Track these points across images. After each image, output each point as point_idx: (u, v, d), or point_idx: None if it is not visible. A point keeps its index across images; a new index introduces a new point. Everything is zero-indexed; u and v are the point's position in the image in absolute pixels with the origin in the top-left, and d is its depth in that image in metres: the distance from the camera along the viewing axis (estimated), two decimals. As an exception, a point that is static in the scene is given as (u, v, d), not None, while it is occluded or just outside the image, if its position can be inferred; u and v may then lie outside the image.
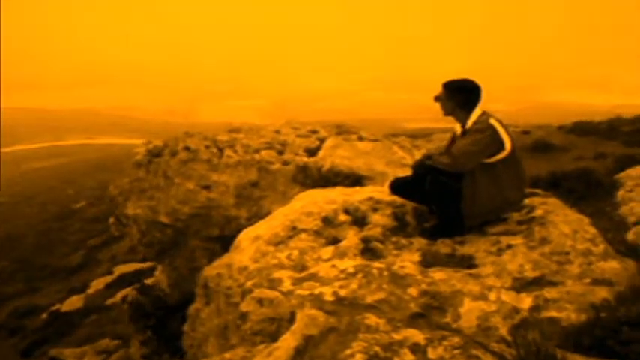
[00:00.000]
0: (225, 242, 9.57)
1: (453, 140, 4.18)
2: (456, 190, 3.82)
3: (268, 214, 7.56)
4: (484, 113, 3.91)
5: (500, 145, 3.75)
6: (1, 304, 19.84)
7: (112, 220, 10.99)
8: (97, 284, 19.24)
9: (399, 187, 4.44)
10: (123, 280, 18.63)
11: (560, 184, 6.79)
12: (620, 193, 7.11)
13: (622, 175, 7.85)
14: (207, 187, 8.23)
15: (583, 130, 17.15)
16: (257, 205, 7.97)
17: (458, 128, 4.12)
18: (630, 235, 4.66)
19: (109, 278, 19.50)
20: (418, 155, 8.89)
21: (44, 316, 17.57)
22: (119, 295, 17.00)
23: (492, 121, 3.78)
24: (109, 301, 17.01)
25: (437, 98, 4.05)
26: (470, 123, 3.90)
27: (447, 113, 4.07)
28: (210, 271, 4.34)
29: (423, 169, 4.01)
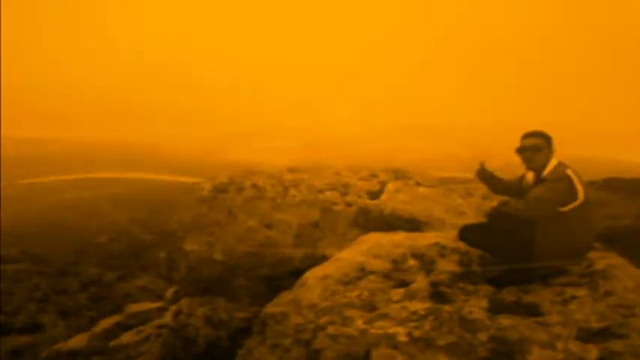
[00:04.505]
0: (271, 283, 9.68)
1: (521, 187, 4.35)
2: (528, 237, 3.96)
3: (323, 256, 7.75)
4: (560, 164, 4.07)
5: (574, 195, 3.87)
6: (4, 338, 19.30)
7: (162, 255, 11.33)
8: (105, 323, 18.46)
9: (469, 233, 4.54)
10: (134, 319, 18.03)
11: (617, 240, 6.73)
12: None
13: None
14: (269, 226, 8.51)
15: (614, 186, 16.55)
16: (314, 246, 8.15)
17: (530, 176, 4.29)
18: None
19: (118, 317, 18.84)
20: (473, 203, 8.96)
21: (44, 354, 16.76)
22: (125, 336, 16.34)
23: (569, 172, 3.93)
24: (114, 342, 16.41)
25: (533, 148, 4.12)
26: (547, 172, 4.07)
27: (539, 164, 4.14)
28: (273, 308, 4.38)
29: (500, 215, 4.13)
